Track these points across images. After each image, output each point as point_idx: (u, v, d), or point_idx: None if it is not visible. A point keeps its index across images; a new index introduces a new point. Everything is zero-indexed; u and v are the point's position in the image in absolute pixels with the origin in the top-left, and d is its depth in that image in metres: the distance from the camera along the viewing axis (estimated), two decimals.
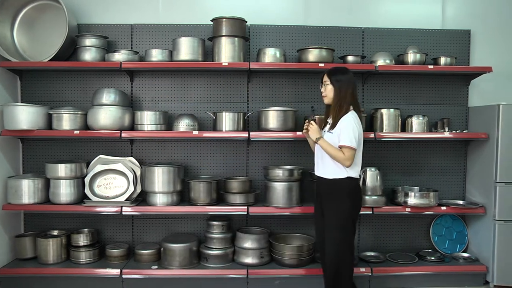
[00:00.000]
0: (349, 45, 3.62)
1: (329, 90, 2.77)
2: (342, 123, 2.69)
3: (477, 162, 3.62)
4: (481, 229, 3.52)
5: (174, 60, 3.25)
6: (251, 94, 3.56)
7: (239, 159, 3.57)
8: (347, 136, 2.66)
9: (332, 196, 2.73)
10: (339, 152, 2.67)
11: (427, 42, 3.70)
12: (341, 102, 2.73)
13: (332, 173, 2.73)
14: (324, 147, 2.72)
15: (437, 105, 3.74)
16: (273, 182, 3.25)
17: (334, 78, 2.76)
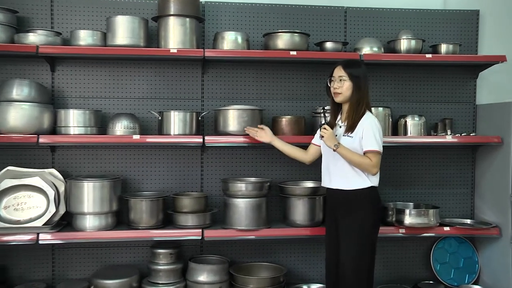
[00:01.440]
0: (327, 29, 3.67)
1: (347, 87, 2.85)
2: (365, 126, 2.81)
3: (488, 172, 3.71)
4: (495, 255, 3.60)
5: (109, 45, 3.24)
6: (206, 89, 3.57)
7: (192, 170, 3.56)
8: (374, 140, 2.80)
9: (352, 210, 2.83)
10: (365, 159, 2.80)
11: (424, 25, 3.79)
12: (361, 101, 2.84)
13: (353, 183, 2.84)
14: (345, 155, 2.82)
15: (437, 103, 3.83)
16: (235, 199, 3.26)
17: (353, 72, 2.85)
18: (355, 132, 2.83)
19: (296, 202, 3.33)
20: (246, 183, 3.28)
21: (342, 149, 2.82)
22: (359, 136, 2.82)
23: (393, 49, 3.58)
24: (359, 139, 2.82)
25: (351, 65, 2.89)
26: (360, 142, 2.82)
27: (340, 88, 2.86)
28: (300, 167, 3.62)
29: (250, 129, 3.21)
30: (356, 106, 2.84)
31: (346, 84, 2.85)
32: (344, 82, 2.85)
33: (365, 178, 2.83)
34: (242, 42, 3.34)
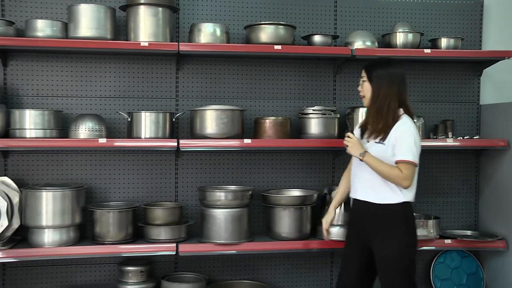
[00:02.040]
0: (316, 21, 3.67)
1: (366, 88, 2.85)
2: (399, 132, 2.77)
3: (494, 179, 3.72)
4: (503, 270, 3.60)
5: (71, 37, 3.20)
6: (181, 87, 3.54)
7: (165, 178, 3.54)
8: (408, 149, 2.75)
9: (383, 228, 2.79)
10: (395, 170, 2.76)
11: (423, 17, 3.80)
12: (384, 104, 2.79)
13: (383, 197, 2.80)
14: (372, 164, 2.79)
15: (437, 103, 3.84)
16: (213, 209, 3.24)
17: (372, 73, 2.84)
18: (388, 139, 2.79)
19: (281, 212, 3.30)
20: (226, 192, 3.26)
21: (369, 158, 2.79)
22: (392, 144, 2.77)
23: (388, 44, 3.58)
24: (392, 147, 2.78)
25: (373, 65, 2.87)
26: (392, 150, 2.77)
27: (362, 91, 2.88)
28: (286, 173, 3.64)
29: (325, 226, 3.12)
30: (379, 109, 2.80)
31: (366, 86, 2.85)
32: (363, 84, 2.87)
33: (397, 192, 2.78)
34: (221, 35, 3.32)
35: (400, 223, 2.78)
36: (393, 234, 2.77)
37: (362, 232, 2.87)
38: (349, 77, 3.70)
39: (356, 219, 2.94)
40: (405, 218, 2.80)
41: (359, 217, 2.91)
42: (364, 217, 2.87)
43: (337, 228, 3.30)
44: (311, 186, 3.62)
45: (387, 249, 2.77)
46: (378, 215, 2.80)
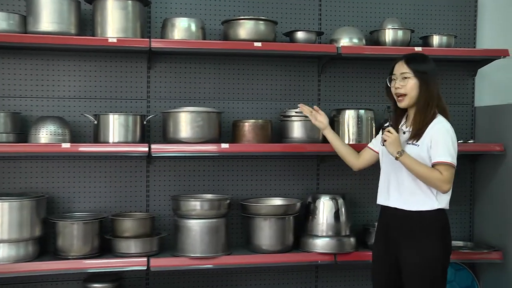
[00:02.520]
0: (299, 16, 3.66)
1: (412, 86, 2.79)
2: (434, 132, 2.75)
3: (489, 186, 3.73)
4: (499, 283, 3.61)
5: (30, 31, 3.15)
6: (153, 87, 3.51)
7: (136, 186, 3.50)
8: (447, 150, 2.73)
9: (416, 237, 2.75)
10: (434, 172, 2.72)
11: (413, 13, 3.81)
12: (430, 102, 2.78)
13: (418, 203, 2.77)
14: (409, 165, 2.74)
15: None
16: (188, 220, 3.22)
17: (419, 68, 2.80)
18: (422, 140, 2.76)
19: (262, 223, 3.28)
20: (202, 201, 3.23)
21: (406, 158, 2.73)
22: (427, 145, 2.75)
23: (376, 41, 3.58)
24: (427, 148, 2.75)
25: (416, 59, 2.84)
26: (428, 152, 2.75)
27: (403, 88, 2.79)
28: (267, 181, 3.61)
29: (305, 107, 3.19)
30: (425, 108, 2.77)
31: (411, 83, 2.78)
32: (407, 81, 2.79)
33: (432, 198, 2.75)
34: (196, 31, 3.30)
35: (435, 232, 2.75)
36: (426, 243, 2.73)
37: (392, 243, 2.84)
38: (335, 77, 3.69)
39: (385, 229, 2.89)
40: (441, 226, 2.78)
41: (390, 226, 2.87)
42: (395, 225, 2.83)
43: (322, 240, 3.30)
44: (294, 195, 3.61)
45: (418, 258, 2.73)
46: (413, 223, 2.76)
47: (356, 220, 3.64)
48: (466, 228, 3.86)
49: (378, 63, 3.73)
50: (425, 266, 2.73)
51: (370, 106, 3.69)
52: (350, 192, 3.67)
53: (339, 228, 3.35)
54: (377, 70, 3.74)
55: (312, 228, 3.36)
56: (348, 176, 3.70)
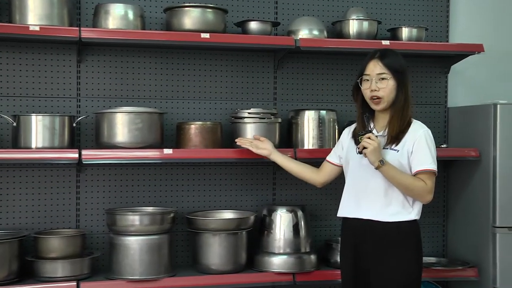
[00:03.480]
0: (252, 4, 3.67)
1: (390, 88, 2.83)
2: (417, 137, 2.83)
3: (464, 196, 3.79)
4: None
5: None
6: (84, 84, 3.46)
7: (64, 199, 3.44)
8: (430, 156, 2.82)
9: (394, 250, 2.82)
10: (419, 181, 2.80)
11: (380, 2, 3.86)
12: (406, 105, 2.86)
13: (395, 214, 2.83)
14: (392, 175, 2.79)
15: None
16: (125, 237, 3.18)
17: (396, 67, 2.85)
18: (402, 145, 2.83)
19: (210, 239, 3.27)
20: (141, 215, 3.20)
21: (388, 168, 2.77)
22: (408, 151, 2.82)
23: (339, 33, 3.61)
24: (407, 154, 2.82)
25: (391, 56, 2.88)
26: (408, 158, 2.81)
27: (381, 90, 2.82)
28: (216, 191, 3.60)
29: (243, 139, 3.26)
30: (401, 111, 2.84)
31: (390, 84, 2.83)
32: (386, 82, 2.83)
33: (408, 209, 2.83)
34: (134, 19, 3.27)
35: (411, 244, 2.84)
36: (404, 256, 2.81)
37: (364, 258, 2.87)
38: (293, 73, 3.71)
39: (355, 243, 2.91)
40: (416, 238, 2.87)
41: (361, 240, 2.89)
42: (369, 238, 2.86)
43: (279, 258, 3.30)
44: (247, 207, 3.61)
45: (394, 273, 2.80)
46: (386, 235, 2.82)
47: (317, 235, 3.66)
48: (439, 242, 3.92)
49: (342, 58, 3.78)
50: (403, 280, 2.81)
51: (333, 106, 3.72)
52: (310, 203, 3.69)
53: (298, 244, 3.36)
54: (340, 66, 3.78)
55: (267, 245, 3.36)
56: (308, 186, 3.62)
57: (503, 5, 4.12)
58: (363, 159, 2.83)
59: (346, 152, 3.00)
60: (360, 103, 2.95)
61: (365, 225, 2.87)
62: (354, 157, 2.91)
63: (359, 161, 2.88)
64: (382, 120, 2.91)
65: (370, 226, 2.86)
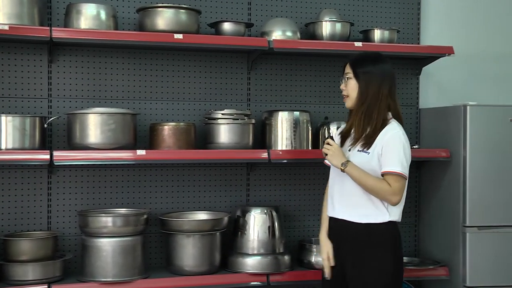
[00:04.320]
0: (226, 5, 3.66)
1: (352, 87, 2.88)
2: (385, 139, 2.83)
3: (435, 196, 3.81)
4: None
5: None
6: (55, 84, 3.42)
7: (35, 200, 3.39)
8: (397, 159, 2.80)
9: (365, 251, 2.82)
10: (382, 183, 2.80)
11: (353, 4, 3.87)
12: (373, 106, 2.86)
13: (367, 216, 2.84)
14: (355, 176, 2.81)
15: None
16: (98, 239, 3.16)
17: (361, 70, 2.88)
18: (373, 147, 2.83)
19: (184, 241, 3.25)
20: (114, 217, 3.18)
21: (352, 169, 2.80)
22: (378, 153, 2.82)
23: (312, 34, 3.61)
24: (377, 157, 2.82)
25: (360, 61, 2.91)
26: (379, 160, 2.82)
27: (345, 90, 2.90)
28: (190, 193, 3.58)
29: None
30: (366, 112, 2.85)
31: (351, 83, 2.88)
32: (349, 81, 2.89)
33: (382, 210, 2.82)
34: (106, 19, 3.24)
35: (386, 247, 2.82)
36: (376, 259, 2.80)
37: (341, 257, 2.90)
38: (266, 74, 3.71)
39: (334, 243, 2.95)
40: (392, 240, 2.84)
41: (338, 240, 2.93)
42: (343, 239, 2.89)
43: (253, 258, 3.30)
44: (221, 208, 3.59)
45: (368, 277, 2.80)
46: (360, 236, 2.83)
47: (291, 235, 3.66)
48: (411, 242, 3.94)
49: (315, 59, 3.78)
50: (379, 281, 2.80)
51: (306, 107, 3.72)
52: (284, 204, 3.68)
53: (272, 245, 3.35)
54: (314, 67, 3.79)
55: (241, 246, 3.35)
56: (282, 187, 3.72)
57: (473, 9, 4.16)
58: None
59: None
60: None
61: (341, 225, 2.90)
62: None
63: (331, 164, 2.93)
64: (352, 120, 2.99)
65: (345, 226, 2.88)
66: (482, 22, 4.17)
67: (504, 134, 3.54)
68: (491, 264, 3.51)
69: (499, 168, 3.53)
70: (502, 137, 3.53)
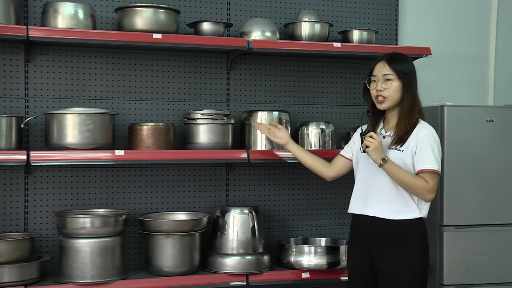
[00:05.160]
0: (205, 5, 3.65)
1: (395, 88, 2.91)
2: (421, 138, 2.90)
3: None
4: None
5: None
6: (32, 84, 3.38)
7: (11, 201, 3.35)
8: (433, 157, 2.88)
9: (399, 247, 2.88)
10: (420, 180, 2.86)
11: (332, 5, 3.88)
12: (414, 105, 2.94)
13: (399, 212, 2.90)
14: (394, 173, 2.86)
15: (349, 106, 3.91)
16: (76, 240, 3.12)
17: (402, 69, 2.94)
18: (407, 145, 2.90)
19: (163, 241, 3.23)
20: (93, 217, 3.14)
21: (390, 165, 2.85)
22: (412, 151, 2.89)
23: (291, 35, 3.61)
24: (411, 154, 2.89)
25: (398, 59, 2.97)
26: (412, 158, 2.89)
27: (386, 90, 2.92)
28: (169, 193, 3.56)
29: (262, 125, 3.33)
30: (409, 112, 2.92)
31: (394, 85, 2.91)
32: (391, 83, 2.91)
33: (413, 206, 2.90)
34: (84, 19, 3.21)
35: (417, 242, 2.89)
36: (408, 254, 2.86)
37: (372, 254, 2.94)
38: (246, 74, 3.70)
39: (364, 239, 2.98)
40: (422, 236, 2.92)
41: (369, 236, 2.96)
42: (376, 235, 2.93)
43: (232, 258, 3.29)
44: (200, 208, 3.58)
45: (401, 272, 2.86)
46: (392, 233, 2.89)
47: (270, 235, 3.66)
48: None
49: (294, 59, 3.78)
50: (408, 277, 2.87)
51: (285, 107, 3.73)
52: (263, 204, 3.68)
53: (251, 245, 3.35)
54: (293, 67, 3.79)
55: (221, 246, 3.34)
56: (261, 187, 3.71)
57: (450, 10, 4.20)
58: (370, 157, 2.92)
59: (357, 150, 3.07)
60: (370, 103, 3.04)
61: (373, 222, 2.95)
62: (363, 156, 2.99)
63: (367, 159, 2.96)
64: (391, 121, 2.99)
65: (377, 223, 2.93)
66: (459, 24, 4.22)
67: (480, 134, 3.58)
68: (468, 263, 3.54)
69: (475, 168, 3.56)
70: (478, 137, 3.58)
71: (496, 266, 3.58)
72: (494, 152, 3.61)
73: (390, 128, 2.99)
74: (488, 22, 4.30)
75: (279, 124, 3.41)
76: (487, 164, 3.59)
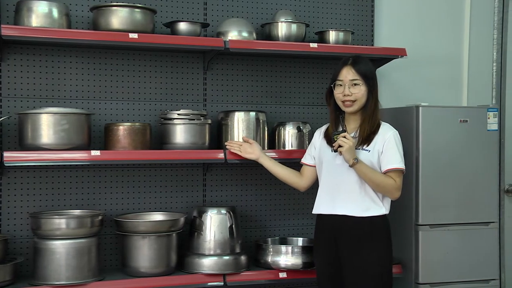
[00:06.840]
0: (181, 5, 3.62)
1: (363, 92, 3.01)
2: (386, 137, 3.03)
3: None
4: None
5: None
6: (6, 83, 3.32)
7: None
8: (399, 157, 3.03)
9: (367, 243, 2.98)
10: (389, 179, 2.99)
11: (308, 5, 3.88)
12: (375, 107, 3.06)
13: (368, 209, 3.01)
14: (365, 173, 2.96)
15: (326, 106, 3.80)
16: (50, 241, 3.07)
17: (367, 73, 3.04)
18: (373, 145, 3.02)
19: (139, 242, 3.19)
20: (68, 218, 3.10)
21: (362, 165, 2.95)
22: (378, 150, 3.01)
23: (268, 35, 3.60)
24: (378, 154, 3.01)
25: (362, 64, 3.05)
26: (378, 157, 3.01)
27: (354, 95, 3.00)
28: (146, 193, 3.53)
29: (232, 143, 3.34)
30: (372, 113, 3.04)
31: (362, 89, 3.00)
32: (359, 87, 3.00)
33: (380, 204, 3.02)
34: (59, 17, 3.16)
35: (382, 238, 3.03)
36: (375, 250, 2.98)
37: (339, 252, 3.02)
38: (222, 74, 3.68)
39: (332, 239, 3.05)
40: (387, 232, 3.06)
41: (337, 235, 3.03)
42: (344, 233, 3.01)
43: (209, 259, 3.26)
44: (177, 208, 3.56)
45: (369, 267, 2.96)
46: (360, 229, 2.98)
47: (247, 235, 3.65)
48: None
49: (271, 60, 3.78)
50: (377, 268, 2.98)
51: (262, 107, 3.72)
52: (240, 204, 3.68)
53: (228, 245, 3.33)
54: (270, 67, 3.79)
55: (198, 246, 3.31)
56: (238, 187, 3.70)
57: (425, 12, 4.22)
58: (336, 158, 3.02)
59: (318, 152, 3.15)
60: (333, 106, 3.11)
61: (341, 220, 3.02)
62: (328, 157, 3.07)
63: (332, 160, 3.05)
64: (353, 122, 3.08)
65: (346, 221, 3.00)
66: (433, 25, 4.24)
67: (454, 134, 3.58)
68: (442, 261, 3.55)
69: (450, 167, 3.56)
70: (453, 137, 3.58)
71: (470, 264, 3.59)
72: (467, 152, 3.61)
73: (352, 129, 3.07)
74: (462, 24, 4.31)
75: (254, 124, 3.43)
76: (461, 164, 3.59)
